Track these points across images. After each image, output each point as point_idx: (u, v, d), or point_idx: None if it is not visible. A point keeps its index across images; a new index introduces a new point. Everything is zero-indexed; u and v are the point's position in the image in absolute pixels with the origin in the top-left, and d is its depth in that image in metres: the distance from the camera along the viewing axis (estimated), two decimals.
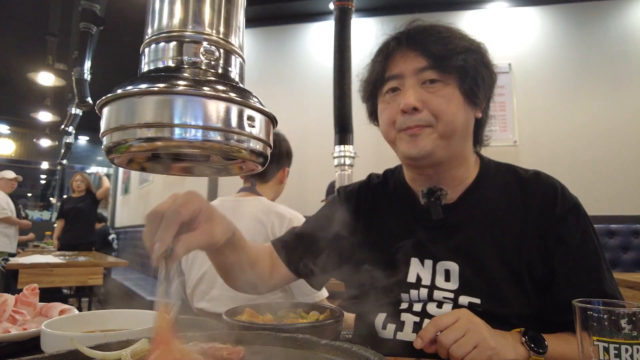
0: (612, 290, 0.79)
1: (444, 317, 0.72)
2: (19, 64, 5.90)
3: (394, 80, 0.88)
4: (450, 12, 3.94)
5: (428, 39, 0.85)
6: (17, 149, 10.44)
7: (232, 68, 0.45)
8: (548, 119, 3.70)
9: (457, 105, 0.84)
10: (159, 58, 0.43)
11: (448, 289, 0.85)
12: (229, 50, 0.44)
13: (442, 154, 0.86)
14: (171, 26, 0.42)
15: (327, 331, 0.71)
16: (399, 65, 0.87)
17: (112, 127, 0.40)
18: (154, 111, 0.39)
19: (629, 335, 0.49)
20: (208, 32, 0.43)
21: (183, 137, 0.39)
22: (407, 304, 0.88)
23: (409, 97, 0.83)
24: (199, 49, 0.42)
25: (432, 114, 0.83)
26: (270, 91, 4.14)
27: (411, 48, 0.86)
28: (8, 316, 0.86)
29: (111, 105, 0.41)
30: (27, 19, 5.16)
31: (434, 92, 0.84)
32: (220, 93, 0.40)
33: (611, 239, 3.36)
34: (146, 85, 0.39)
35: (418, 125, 0.84)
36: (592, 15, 3.78)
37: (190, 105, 0.39)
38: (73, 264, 3.78)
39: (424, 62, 0.84)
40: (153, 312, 0.81)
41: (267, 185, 1.79)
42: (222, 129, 0.40)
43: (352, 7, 2.97)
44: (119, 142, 0.40)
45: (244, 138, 0.42)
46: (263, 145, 0.45)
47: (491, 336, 0.69)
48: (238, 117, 0.41)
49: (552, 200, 0.85)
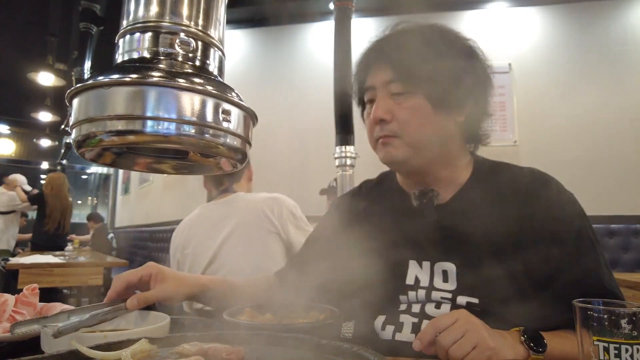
0: (611, 287, 0.79)
1: (442, 319, 0.72)
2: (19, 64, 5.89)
3: (370, 91, 0.91)
4: (450, 12, 3.94)
5: (395, 50, 0.86)
6: (17, 149, 10.43)
7: (210, 61, 0.43)
8: (548, 118, 3.70)
9: (424, 115, 0.85)
10: (133, 49, 0.41)
11: (446, 289, 0.85)
12: (207, 42, 0.43)
13: (417, 162, 0.88)
14: (147, 17, 0.41)
15: (327, 331, 0.71)
16: (372, 77, 0.90)
17: (81, 119, 0.38)
18: (125, 102, 0.37)
19: (629, 335, 0.49)
20: (186, 23, 0.41)
21: (156, 130, 0.37)
22: (405, 305, 0.88)
23: (377, 109, 0.87)
24: (174, 40, 0.41)
25: (399, 125, 0.86)
26: (271, 91, 4.14)
27: (380, 59, 0.89)
28: (8, 316, 0.86)
29: (81, 96, 0.39)
30: (27, 19, 5.16)
31: (400, 103, 0.86)
32: (195, 85, 0.38)
33: (611, 239, 3.36)
34: (118, 76, 0.38)
35: (387, 135, 0.87)
36: (592, 15, 3.78)
37: (163, 97, 0.37)
38: (73, 264, 3.79)
39: (390, 75, 0.86)
40: (153, 312, 0.82)
41: (240, 184, 1.90)
42: (197, 122, 0.38)
43: (353, 7, 2.97)
44: (88, 135, 0.38)
45: (220, 133, 0.40)
46: (241, 141, 0.43)
47: (490, 336, 0.69)
48: (214, 111, 0.39)
49: (547, 197, 0.85)
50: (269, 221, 1.72)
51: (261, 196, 1.80)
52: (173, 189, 5.46)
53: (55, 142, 8.25)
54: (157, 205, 6.12)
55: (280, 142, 3.87)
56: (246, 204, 1.78)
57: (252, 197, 1.83)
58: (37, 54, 5.43)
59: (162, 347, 0.58)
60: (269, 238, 1.71)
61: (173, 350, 0.56)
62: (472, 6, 3.98)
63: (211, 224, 1.79)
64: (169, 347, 0.58)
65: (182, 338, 0.60)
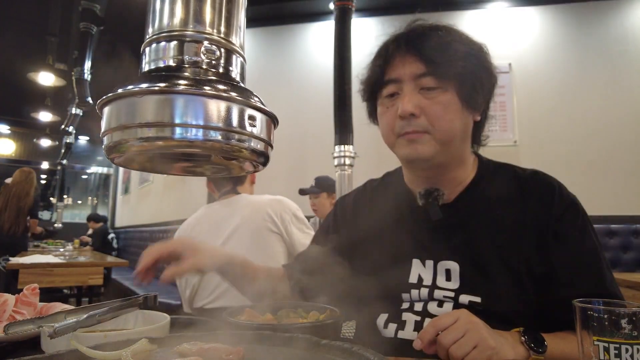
0: (612, 288, 0.79)
1: (443, 318, 0.72)
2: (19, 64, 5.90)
3: (393, 84, 0.87)
4: (450, 12, 3.94)
5: (427, 43, 0.84)
6: (17, 149, 10.43)
7: (233, 67, 0.45)
8: (548, 118, 3.70)
9: (454, 111, 0.84)
10: (159, 57, 0.43)
11: (449, 288, 0.85)
12: (229, 49, 0.44)
13: (442, 158, 0.87)
14: (172, 25, 0.42)
15: (328, 331, 0.71)
16: (398, 69, 0.86)
17: (113, 126, 0.40)
18: (154, 111, 0.39)
19: (629, 335, 0.49)
20: (209, 31, 0.43)
21: (184, 136, 0.39)
22: (408, 304, 0.89)
23: (406, 103, 0.83)
24: (199, 49, 0.42)
25: (429, 120, 0.83)
26: (271, 91, 4.14)
27: (410, 52, 0.85)
28: (8, 316, 0.86)
29: (112, 104, 0.41)
30: (27, 19, 5.16)
31: (431, 98, 0.83)
32: (221, 92, 0.40)
33: (611, 239, 3.36)
34: (147, 85, 0.39)
35: (416, 131, 0.84)
36: (592, 15, 3.78)
37: (191, 104, 0.39)
38: (73, 264, 3.78)
39: (423, 68, 0.83)
40: (153, 312, 0.82)
41: (243, 186, 1.98)
42: (223, 128, 0.40)
43: (353, 7, 2.97)
44: (119, 142, 0.40)
45: (245, 137, 0.42)
46: (264, 144, 0.45)
47: (490, 336, 0.69)
48: (239, 117, 0.41)
49: (549, 198, 0.85)
50: (272, 222, 1.76)
51: (265, 198, 1.85)
52: (173, 189, 5.46)
53: (55, 142, 8.25)
54: (157, 205, 6.12)
55: (279, 142, 3.85)
56: (250, 205, 1.83)
57: (256, 198, 1.87)
58: (37, 53, 5.43)
59: (162, 347, 0.58)
60: (271, 239, 1.75)
61: (173, 350, 0.56)
62: (472, 6, 3.98)
63: (215, 223, 1.83)
64: (169, 347, 0.58)
65: (182, 338, 0.60)
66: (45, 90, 6.18)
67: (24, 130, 10.09)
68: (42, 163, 10.61)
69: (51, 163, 9.99)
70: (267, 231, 1.75)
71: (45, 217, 10.69)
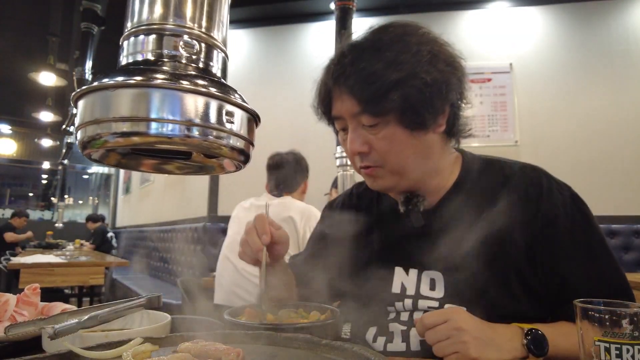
0: (628, 289, 0.78)
1: (432, 316, 0.72)
2: (20, 64, 5.90)
3: (339, 120, 0.85)
4: (451, 12, 3.94)
5: (355, 78, 0.78)
6: (18, 149, 10.45)
7: (214, 63, 0.44)
8: (549, 118, 3.70)
9: (401, 142, 0.80)
10: (137, 51, 0.42)
11: (433, 297, 0.83)
12: (210, 44, 0.43)
13: (407, 183, 0.85)
14: (151, 19, 0.41)
15: (328, 331, 0.71)
16: (338, 107, 0.84)
17: (87, 120, 0.39)
18: (130, 104, 0.37)
19: (631, 335, 0.49)
20: (189, 25, 0.42)
21: (160, 131, 0.38)
22: (394, 314, 0.88)
23: (352, 143, 0.81)
24: (179, 43, 0.41)
25: (379, 155, 0.81)
26: (271, 91, 4.14)
27: (343, 91, 0.81)
28: (9, 316, 0.86)
29: (86, 97, 0.40)
30: (28, 19, 5.16)
31: (375, 134, 0.80)
32: (199, 87, 0.39)
33: (612, 239, 3.35)
34: (123, 78, 0.38)
35: (369, 166, 0.83)
36: (593, 14, 3.77)
37: (167, 99, 0.38)
38: (74, 264, 3.79)
39: (357, 107, 0.79)
40: (154, 312, 0.82)
41: (293, 195, 2.22)
42: (200, 124, 0.39)
43: (354, 7, 2.96)
44: (93, 137, 0.39)
45: (224, 134, 0.41)
46: (244, 142, 0.44)
47: (475, 344, 0.67)
48: (217, 113, 0.40)
49: (536, 199, 0.81)
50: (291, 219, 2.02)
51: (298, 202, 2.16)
52: (174, 189, 5.46)
53: (57, 142, 8.27)
54: (158, 205, 6.12)
55: (280, 142, 3.86)
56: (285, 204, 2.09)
57: (292, 201, 2.16)
58: (38, 53, 5.44)
59: (163, 347, 0.58)
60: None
61: (173, 349, 0.56)
62: (473, 6, 3.97)
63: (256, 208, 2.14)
64: (169, 347, 0.58)
65: (182, 338, 0.60)
66: (46, 90, 6.19)
67: (25, 130, 10.11)
68: (43, 163, 10.63)
69: (52, 163, 10.01)
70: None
71: (47, 217, 10.72)
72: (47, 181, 11.28)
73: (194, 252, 4.09)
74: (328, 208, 1.14)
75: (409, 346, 0.82)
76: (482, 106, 3.78)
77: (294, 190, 2.24)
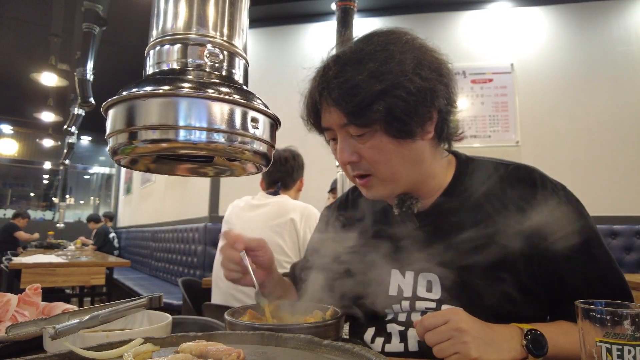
0: (628, 290, 0.78)
1: (432, 318, 0.71)
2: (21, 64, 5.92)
3: (328, 131, 0.87)
4: (451, 13, 3.94)
5: (338, 91, 0.78)
6: (19, 149, 10.48)
7: (236, 70, 0.45)
8: (550, 119, 3.70)
9: (389, 151, 0.80)
10: (163, 60, 0.43)
11: (430, 298, 0.84)
12: (232, 52, 0.45)
13: (400, 189, 0.86)
14: (175, 29, 0.43)
15: (329, 331, 0.71)
16: (326, 118, 0.85)
17: (118, 128, 0.41)
18: (159, 113, 0.39)
19: (632, 336, 0.48)
20: (212, 34, 0.43)
21: (187, 138, 0.39)
22: (392, 315, 0.88)
23: (342, 153, 0.82)
24: (203, 52, 0.43)
25: (369, 164, 0.82)
26: (272, 91, 4.13)
27: (328, 102, 0.81)
28: (11, 316, 0.86)
29: (117, 107, 0.41)
30: (29, 19, 5.18)
31: (364, 143, 0.81)
32: (224, 95, 0.41)
33: (614, 239, 3.35)
34: (151, 88, 0.40)
35: (361, 175, 0.84)
36: (594, 15, 3.77)
37: (194, 107, 0.40)
38: (76, 264, 3.80)
39: (344, 119, 0.80)
40: (155, 313, 0.82)
41: (289, 192, 2.17)
42: (226, 130, 0.41)
43: (355, 7, 2.96)
44: (124, 144, 0.41)
45: (248, 139, 0.43)
46: (267, 146, 0.45)
47: (475, 344, 0.68)
48: (242, 119, 0.42)
49: (531, 199, 0.81)
50: (292, 221, 1.99)
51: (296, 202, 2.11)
52: (175, 189, 5.47)
53: (58, 142, 8.28)
54: (159, 205, 6.13)
55: (280, 142, 3.86)
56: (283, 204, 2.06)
57: (289, 200, 2.10)
58: (39, 54, 5.46)
59: (163, 347, 0.59)
60: (284, 232, 1.95)
61: (174, 350, 0.56)
62: (474, 6, 3.97)
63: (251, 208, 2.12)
64: (170, 347, 0.58)
65: (182, 338, 0.60)
66: (47, 91, 6.21)
67: (27, 130, 10.13)
68: (44, 163, 10.65)
69: (53, 163, 10.04)
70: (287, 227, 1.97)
71: (48, 217, 10.74)
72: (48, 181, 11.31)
73: (194, 253, 4.10)
74: (325, 213, 1.15)
75: (407, 347, 0.83)
76: (483, 106, 3.78)
77: (290, 189, 2.21)
